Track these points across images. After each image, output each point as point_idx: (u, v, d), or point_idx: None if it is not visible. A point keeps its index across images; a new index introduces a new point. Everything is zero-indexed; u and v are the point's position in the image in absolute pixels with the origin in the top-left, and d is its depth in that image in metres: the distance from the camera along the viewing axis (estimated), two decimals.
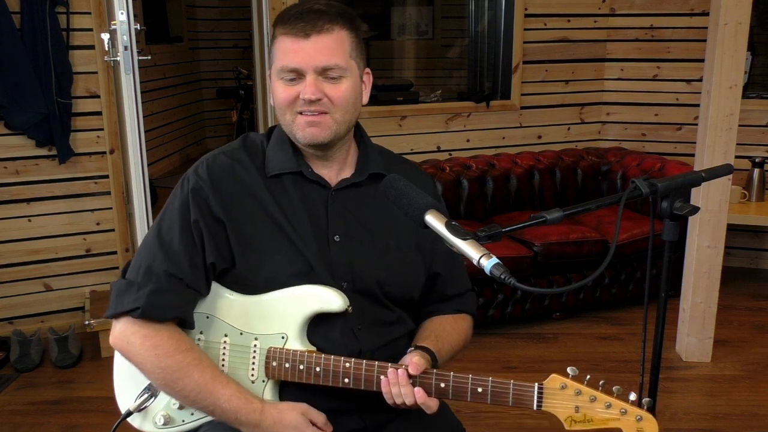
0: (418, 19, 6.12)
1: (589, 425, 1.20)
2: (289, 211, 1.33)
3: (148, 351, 1.27)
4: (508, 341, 3.34)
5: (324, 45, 1.26)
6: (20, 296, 3.31)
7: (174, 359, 1.27)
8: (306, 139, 1.31)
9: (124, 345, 1.30)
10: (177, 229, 1.30)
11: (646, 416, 1.19)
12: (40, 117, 3.10)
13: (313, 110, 1.28)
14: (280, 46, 1.29)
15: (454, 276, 1.50)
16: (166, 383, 1.29)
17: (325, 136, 1.31)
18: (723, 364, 3.09)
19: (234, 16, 7.51)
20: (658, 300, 1.27)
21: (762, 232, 4.26)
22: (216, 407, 1.28)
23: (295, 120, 1.31)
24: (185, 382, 1.27)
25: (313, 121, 1.29)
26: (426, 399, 1.24)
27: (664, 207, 1.20)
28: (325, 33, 1.26)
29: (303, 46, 1.26)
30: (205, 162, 1.36)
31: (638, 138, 4.32)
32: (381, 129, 3.88)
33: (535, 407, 1.22)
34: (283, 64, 1.28)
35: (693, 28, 4.05)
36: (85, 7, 3.16)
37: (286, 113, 1.31)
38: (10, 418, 2.71)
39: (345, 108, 1.31)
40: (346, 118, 1.32)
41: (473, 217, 3.74)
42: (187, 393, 1.28)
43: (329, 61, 1.27)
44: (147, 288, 1.27)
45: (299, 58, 1.26)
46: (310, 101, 1.27)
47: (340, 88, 1.29)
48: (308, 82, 1.27)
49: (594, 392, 1.20)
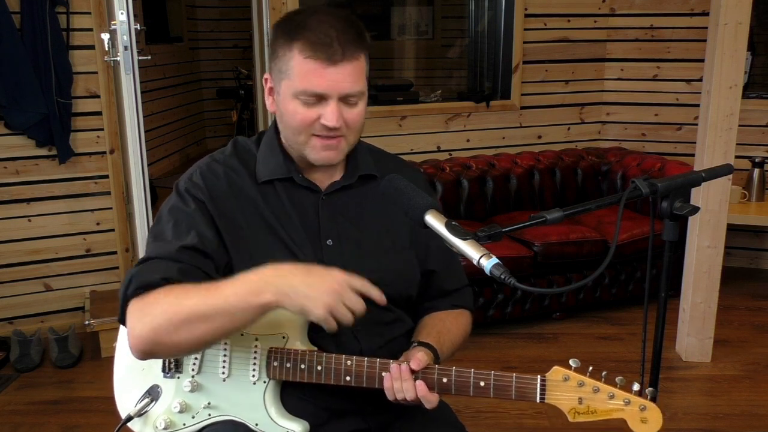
0: (418, 19, 6.12)
1: (592, 416, 1.20)
2: (283, 217, 1.34)
3: (149, 312, 1.20)
4: (508, 341, 3.34)
5: (349, 72, 1.25)
6: (20, 296, 3.31)
7: (169, 296, 1.20)
8: (320, 162, 1.32)
9: (133, 331, 1.22)
10: (170, 225, 1.30)
11: (650, 406, 1.19)
12: (40, 117, 3.11)
13: (332, 135, 1.29)
14: (302, 68, 1.24)
15: (450, 272, 1.50)
16: (181, 324, 1.18)
17: (338, 159, 1.34)
18: (723, 364, 3.09)
19: (234, 16, 7.51)
20: (658, 300, 1.27)
21: (762, 232, 4.26)
22: (234, 312, 1.17)
23: (309, 141, 1.30)
24: (188, 308, 1.18)
25: (329, 144, 1.30)
26: (426, 393, 1.24)
27: (664, 207, 1.20)
28: (353, 60, 1.25)
29: (329, 72, 1.24)
30: (198, 170, 1.36)
31: (638, 138, 4.32)
32: (381, 129, 3.88)
33: (538, 399, 1.22)
34: (306, 87, 1.25)
35: (693, 28, 4.05)
36: (85, 7, 3.17)
37: (301, 134, 1.30)
38: (10, 418, 2.71)
39: (358, 130, 1.33)
40: (357, 138, 1.35)
41: (473, 217, 3.74)
42: (201, 321, 1.18)
43: (353, 88, 1.26)
44: (137, 268, 1.27)
45: (326, 84, 1.24)
46: (332, 128, 1.27)
47: (356, 112, 1.29)
48: (331, 109, 1.25)
49: (597, 383, 1.20)
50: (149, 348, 1.23)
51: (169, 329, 1.19)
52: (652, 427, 1.19)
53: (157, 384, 1.37)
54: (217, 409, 1.34)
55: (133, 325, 1.22)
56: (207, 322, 1.18)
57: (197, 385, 1.34)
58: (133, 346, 1.23)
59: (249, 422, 1.32)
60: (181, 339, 1.20)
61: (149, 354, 1.26)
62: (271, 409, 1.32)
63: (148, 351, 1.24)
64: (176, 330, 1.19)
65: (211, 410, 1.34)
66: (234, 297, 1.17)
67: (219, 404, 1.34)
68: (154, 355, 1.27)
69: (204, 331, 1.19)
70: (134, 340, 1.22)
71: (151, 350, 1.24)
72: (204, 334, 1.19)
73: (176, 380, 1.36)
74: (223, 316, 1.18)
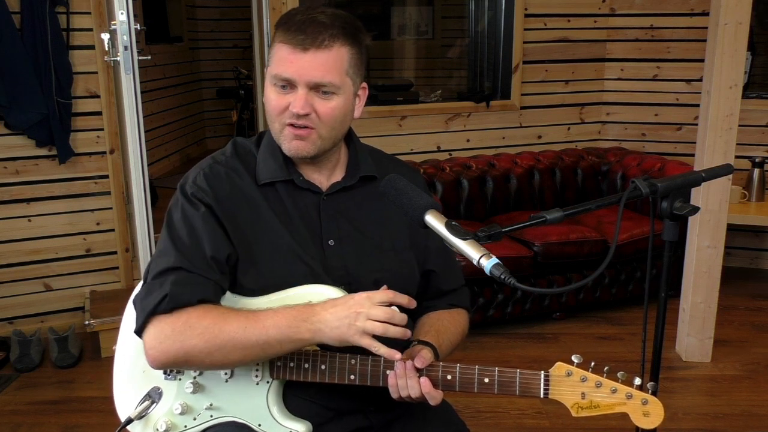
0: (418, 19, 6.12)
1: (595, 411, 1.21)
2: (284, 218, 1.34)
3: (184, 331, 1.21)
4: (508, 341, 3.34)
5: (320, 61, 1.26)
6: (20, 296, 3.31)
7: (207, 320, 1.22)
8: (290, 152, 1.32)
9: (161, 344, 1.23)
10: (186, 232, 1.29)
11: (652, 399, 1.20)
12: (40, 117, 3.11)
13: (301, 124, 1.29)
14: (277, 53, 1.28)
15: (448, 272, 1.51)
16: (216, 349, 1.21)
17: (309, 151, 1.32)
18: (723, 364, 3.09)
19: (234, 16, 7.51)
20: (658, 300, 1.27)
21: (762, 232, 4.26)
22: (273, 344, 1.21)
23: (282, 130, 1.31)
24: (227, 334, 1.20)
25: (299, 134, 1.30)
26: (431, 389, 1.24)
27: (664, 207, 1.21)
28: (324, 49, 1.26)
29: (299, 58, 1.25)
30: (201, 173, 1.35)
31: (638, 138, 4.32)
32: (381, 129, 3.88)
33: (541, 395, 1.23)
34: (278, 72, 1.28)
35: (693, 28, 4.05)
36: (85, 7, 3.17)
37: (276, 122, 1.32)
38: (10, 418, 2.71)
39: (332, 125, 1.31)
40: (332, 134, 1.33)
41: (473, 217, 3.75)
42: (238, 349, 1.21)
43: (323, 78, 1.26)
44: (168, 281, 1.25)
45: (293, 69, 1.26)
46: (298, 115, 1.27)
47: (329, 105, 1.29)
48: (299, 95, 1.27)
49: (599, 378, 1.21)
50: (174, 363, 1.26)
51: (203, 352, 1.23)
52: (654, 420, 1.21)
53: (157, 386, 1.37)
54: (219, 410, 1.34)
55: (162, 341, 1.23)
56: (243, 350, 1.22)
57: (199, 386, 1.34)
58: (155, 359, 1.25)
59: (251, 423, 1.32)
60: (213, 361, 1.25)
61: (170, 366, 1.29)
62: (273, 410, 1.32)
63: (170, 365, 1.27)
64: (210, 354, 1.23)
65: (213, 411, 1.34)
66: (275, 330, 1.21)
67: (221, 405, 1.34)
68: (175, 368, 1.30)
69: (238, 358, 1.24)
70: (160, 354, 1.24)
71: (175, 365, 1.27)
72: (237, 360, 1.25)
73: (178, 382, 1.36)
74: (261, 347, 1.22)
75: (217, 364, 1.26)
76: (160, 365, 1.27)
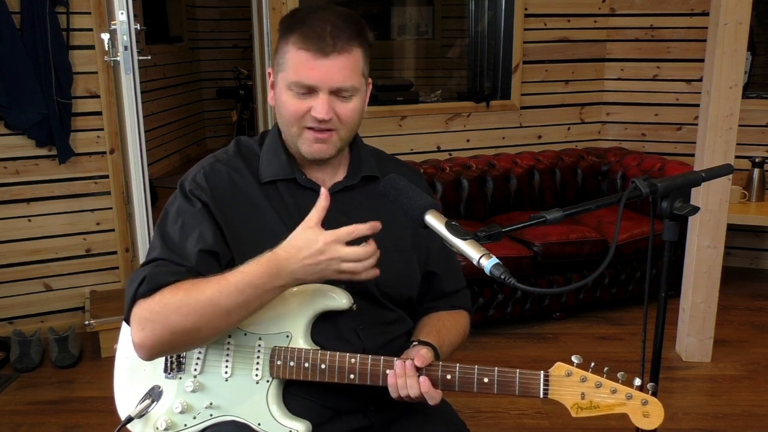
0: (418, 19, 6.12)
1: (595, 411, 1.21)
2: (286, 217, 1.34)
3: (161, 310, 1.21)
4: (508, 341, 3.34)
5: (342, 65, 1.26)
6: (20, 296, 3.31)
7: (180, 293, 1.21)
8: (312, 155, 1.32)
9: (143, 331, 1.22)
10: (178, 226, 1.30)
11: (652, 400, 1.20)
12: (40, 117, 3.11)
13: (323, 128, 1.29)
14: (294, 59, 1.26)
15: (450, 274, 1.51)
16: (197, 319, 1.20)
17: (330, 153, 1.33)
18: (723, 364, 3.09)
19: (234, 16, 7.51)
20: (658, 300, 1.27)
21: (762, 232, 4.26)
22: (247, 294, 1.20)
23: (301, 134, 1.31)
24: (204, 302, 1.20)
25: (320, 138, 1.30)
26: (430, 389, 1.24)
27: (664, 207, 1.21)
28: (344, 53, 1.25)
29: (321, 64, 1.25)
30: (202, 170, 1.35)
31: (638, 138, 4.32)
32: (381, 129, 3.89)
33: (541, 395, 1.23)
34: (298, 79, 1.27)
35: (693, 28, 4.05)
36: (85, 7, 3.17)
37: (293, 126, 1.31)
38: (10, 418, 2.71)
39: (351, 126, 1.33)
40: (350, 134, 1.35)
41: (473, 217, 3.75)
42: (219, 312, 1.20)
43: (345, 82, 1.27)
44: (149, 266, 1.27)
45: (316, 76, 1.25)
46: (321, 120, 1.27)
47: (349, 107, 1.30)
48: (321, 100, 1.26)
49: (599, 378, 1.21)
50: (162, 345, 1.24)
51: (186, 325, 1.21)
52: (654, 421, 1.21)
53: (158, 384, 1.37)
54: (219, 409, 1.34)
55: (143, 326, 1.22)
56: (227, 315, 1.21)
57: (199, 385, 1.34)
58: (142, 347, 1.24)
59: (251, 422, 1.32)
60: (200, 333, 1.23)
61: (161, 351, 1.27)
62: (273, 409, 1.32)
63: (160, 349, 1.25)
64: (194, 325, 1.21)
65: (213, 410, 1.34)
66: (250, 289, 1.19)
67: (221, 404, 1.34)
68: (169, 352, 1.29)
69: (225, 324, 1.23)
70: (145, 340, 1.23)
71: (165, 347, 1.25)
72: (224, 326, 1.24)
73: (178, 380, 1.36)
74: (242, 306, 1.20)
75: (205, 334, 1.24)
76: (150, 352, 1.25)
